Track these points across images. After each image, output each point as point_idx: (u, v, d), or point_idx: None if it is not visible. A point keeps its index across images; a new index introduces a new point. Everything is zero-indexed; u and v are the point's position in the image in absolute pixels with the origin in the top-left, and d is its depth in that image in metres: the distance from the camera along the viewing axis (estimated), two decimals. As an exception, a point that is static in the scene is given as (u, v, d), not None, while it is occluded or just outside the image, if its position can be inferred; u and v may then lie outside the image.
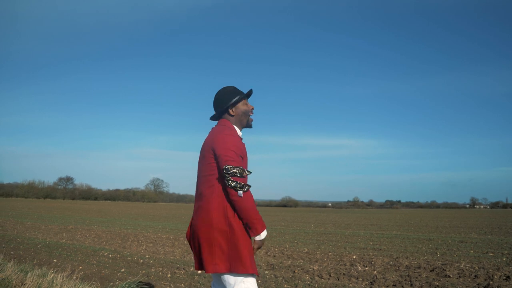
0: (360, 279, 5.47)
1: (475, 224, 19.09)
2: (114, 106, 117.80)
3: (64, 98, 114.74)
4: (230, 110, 2.39)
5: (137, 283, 4.82)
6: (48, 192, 72.01)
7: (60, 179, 78.44)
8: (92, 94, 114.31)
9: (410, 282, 5.23)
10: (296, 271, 6.07)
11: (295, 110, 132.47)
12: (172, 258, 7.45)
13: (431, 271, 6.05)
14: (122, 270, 6.13)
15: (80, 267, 6.24)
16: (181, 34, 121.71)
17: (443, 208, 76.54)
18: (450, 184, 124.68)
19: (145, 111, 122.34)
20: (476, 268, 6.22)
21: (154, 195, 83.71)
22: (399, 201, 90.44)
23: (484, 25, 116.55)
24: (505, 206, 75.96)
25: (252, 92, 2.46)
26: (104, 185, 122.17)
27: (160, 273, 5.97)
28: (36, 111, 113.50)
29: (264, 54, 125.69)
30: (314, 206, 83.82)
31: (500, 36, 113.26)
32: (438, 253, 8.21)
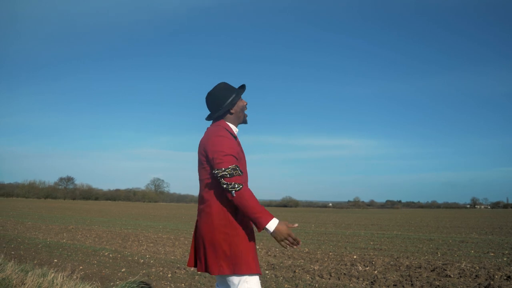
0: (361, 279, 5.47)
1: (475, 224, 19.07)
2: (114, 106, 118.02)
3: (65, 98, 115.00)
4: (231, 109, 2.35)
5: (137, 282, 4.82)
6: (48, 192, 72.10)
7: (61, 179, 78.64)
8: (93, 94, 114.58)
9: (411, 282, 5.23)
10: (296, 271, 6.06)
11: (295, 110, 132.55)
12: (172, 258, 7.45)
13: (431, 271, 6.04)
14: (122, 270, 6.13)
15: (80, 267, 6.24)
16: (181, 34, 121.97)
17: (444, 208, 76.48)
18: (451, 184, 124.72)
19: (145, 111, 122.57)
20: (477, 268, 6.21)
21: (155, 195, 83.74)
22: (400, 201, 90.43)
23: (484, 25, 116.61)
24: (505, 206, 75.89)
25: (245, 86, 2.42)
26: (105, 185, 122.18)
27: (161, 273, 5.97)
28: (37, 111, 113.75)
29: (264, 54, 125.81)
30: (314, 206, 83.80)
31: (500, 36, 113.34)
32: (439, 253, 8.20)
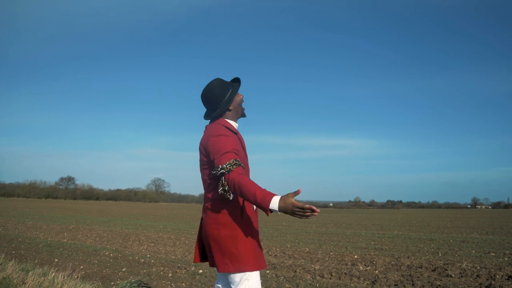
0: (362, 278, 5.46)
1: (476, 224, 19.05)
2: (114, 106, 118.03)
3: (65, 98, 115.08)
4: (229, 106, 2.33)
5: (138, 282, 4.82)
6: (49, 192, 72.17)
7: (62, 179, 78.75)
8: (93, 94, 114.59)
9: (412, 281, 5.22)
10: (297, 270, 6.06)
11: (295, 110, 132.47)
12: (173, 257, 7.45)
13: (432, 270, 6.04)
14: (123, 270, 6.13)
15: (81, 267, 6.24)
16: (181, 34, 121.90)
17: (445, 208, 76.49)
18: (452, 184, 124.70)
19: (145, 111, 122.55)
20: (478, 268, 6.20)
21: (155, 195, 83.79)
22: (401, 201, 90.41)
23: (484, 25, 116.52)
24: (506, 206, 75.87)
25: (240, 80, 2.40)
26: (106, 185, 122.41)
27: (161, 272, 5.96)
28: (37, 111, 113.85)
29: (264, 54, 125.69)
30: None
31: (500, 36, 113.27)
32: (440, 253, 8.19)
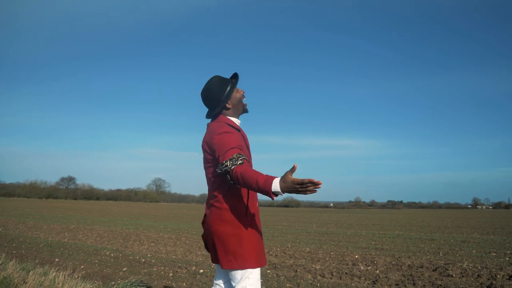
0: (363, 278, 5.46)
1: (477, 224, 19.04)
2: (115, 106, 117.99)
3: (65, 98, 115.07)
4: (227, 103, 2.33)
5: (139, 282, 4.81)
6: (50, 192, 72.15)
7: (62, 179, 78.69)
8: (93, 94, 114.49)
9: (413, 281, 5.21)
10: (298, 270, 6.05)
11: (295, 110, 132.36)
12: (174, 257, 7.45)
13: (433, 270, 6.03)
14: (124, 269, 6.13)
15: (82, 266, 6.24)
16: (181, 34, 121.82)
17: (445, 208, 76.31)
18: (452, 184, 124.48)
19: (146, 111, 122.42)
20: (479, 267, 6.19)
21: (156, 195, 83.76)
22: (401, 201, 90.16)
23: (484, 25, 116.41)
24: (507, 207, 75.69)
25: (238, 75, 2.39)
26: (106, 185, 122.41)
27: (162, 272, 5.96)
28: (37, 111, 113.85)
29: (264, 54, 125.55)
30: (316, 206, 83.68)
31: (500, 36, 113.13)
32: (441, 253, 8.18)
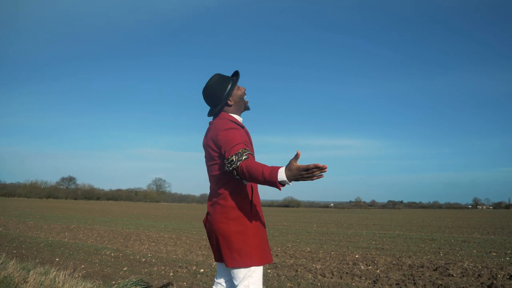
0: (363, 278, 5.45)
1: (477, 224, 19.02)
2: (115, 106, 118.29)
3: (65, 98, 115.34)
4: (229, 100, 2.34)
5: (139, 281, 4.81)
6: (50, 192, 72.17)
7: (63, 179, 78.74)
8: (93, 94, 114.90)
9: (414, 281, 5.21)
10: (298, 270, 6.05)
11: (295, 110, 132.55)
12: (174, 257, 7.45)
13: (434, 270, 6.02)
14: (124, 269, 6.13)
15: (82, 266, 6.24)
16: (181, 34, 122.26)
17: (446, 208, 76.31)
18: (452, 184, 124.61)
19: (146, 111, 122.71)
20: (480, 267, 6.19)
21: (156, 195, 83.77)
22: (401, 201, 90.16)
23: (484, 25, 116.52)
24: (507, 207, 75.65)
25: (239, 73, 2.40)
26: (106, 185, 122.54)
27: (163, 271, 5.96)
28: (37, 111, 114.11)
29: (264, 54, 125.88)
30: (316, 206, 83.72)
31: (500, 36, 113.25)
32: (441, 252, 8.18)
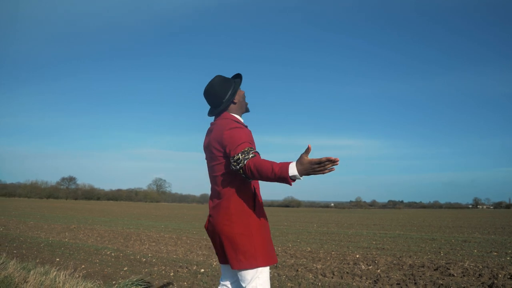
0: (364, 277, 5.45)
1: (478, 224, 19.01)
2: (115, 106, 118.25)
3: (65, 98, 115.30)
4: (234, 99, 2.35)
5: (139, 281, 4.81)
6: (50, 192, 72.15)
7: (63, 179, 78.69)
8: (93, 94, 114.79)
9: (414, 280, 5.20)
10: (299, 270, 6.04)
11: (295, 110, 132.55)
12: (175, 257, 7.44)
13: (435, 270, 6.02)
14: (124, 269, 6.12)
15: (82, 266, 6.24)
16: (181, 34, 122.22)
17: (446, 208, 76.24)
18: (453, 184, 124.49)
19: (146, 111, 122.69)
20: (480, 267, 6.18)
21: (157, 195, 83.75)
22: (402, 201, 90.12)
23: (484, 25, 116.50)
24: (508, 206, 75.58)
25: (241, 76, 2.42)
26: (107, 185, 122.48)
27: (163, 271, 5.96)
28: (37, 111, 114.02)
29: (265, 54, 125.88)
30: (316, 206, 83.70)
31: (500, 36, 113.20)
32: (442, 252, 8.17)
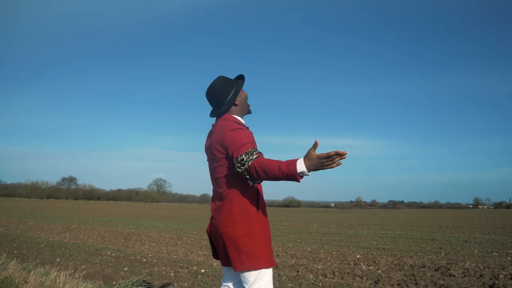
0: (365, 278, 5.44)
1: (478, 224, 19.00)
2: (115, 106, 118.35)
3: (65, 98, 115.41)
4: (235, 101, 2.33)
5: (140, 281, 4.80)
6: (51, 192, 72.20)
7: (63, 179, 78.79)
8: (93, 94, 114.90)
9: (415, 281, 5.19)
10: (300, 270, 6.04)
11: (295, 110, 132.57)
12: (175, 257, 7.44)
13: (435, 270, 6.01)
14: (125, 269, 6.12)
15: (83, 266, 6.23)
16: (181, 34, 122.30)
17: (446, 208, 76.24)
18: (453, 184, 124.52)
19: (146, 111, 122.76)
20: (481, 267, 6.17)
21: (157, 195, 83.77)
22: (402, 201, 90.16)
23: (484, 25, 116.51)
24: (508, 206, 75.58)
25: (244, 76, 2.40)
26: (107, 185, 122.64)
27: (163, 272, 5.95)
28: (37, 111, 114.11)
29: (265, 54, 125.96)
30: (316, 206, 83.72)
31: (500, 36, 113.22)
32: (442, 252, 8.16)
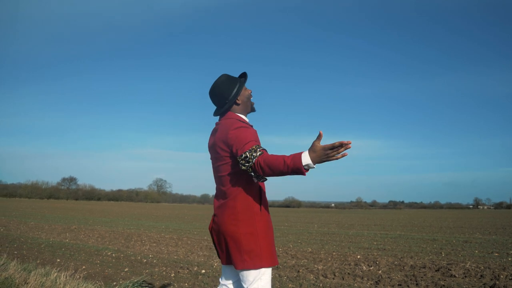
0: (365, 278, 5.43)
1: (479, 224, 18.99)
2: (115, 107, 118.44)
3: (65, 98, 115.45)
4: (237, 100, 2.32)
5: (140, 282, 4.80)
6: (51, 193, 72.17)
7: (64, 179, 78.76)
8: (93, 94, 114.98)
9: (416, 281, 5.19)
10: (300, 270, 6.03)
11: (295, 110, 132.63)
12: (175, 257, 7.43)
13: (436, 270, 6.00)
14: (125, 270, 6.12)
15: (83, 267, 6.23)
16: (181, 34, 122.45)
17: (447, 208, 76.21)
18: (453, 184, 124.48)
19: (147, 111, 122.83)
20: (482, 268, 6.17)
21: (157, 195, 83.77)
22: (402, 201, 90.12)
23: (484, 25, 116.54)
24: (508, 207, 75.52)
25: (247, 74, 2.39)
26: (107, 185, 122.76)
27: (164, 272, 5.95)
28: (37, 111, 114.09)
29: (265, 54, 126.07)
30: (317, 206, 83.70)
31: (500, 36, 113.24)
32: (443, 253, 8.16)
